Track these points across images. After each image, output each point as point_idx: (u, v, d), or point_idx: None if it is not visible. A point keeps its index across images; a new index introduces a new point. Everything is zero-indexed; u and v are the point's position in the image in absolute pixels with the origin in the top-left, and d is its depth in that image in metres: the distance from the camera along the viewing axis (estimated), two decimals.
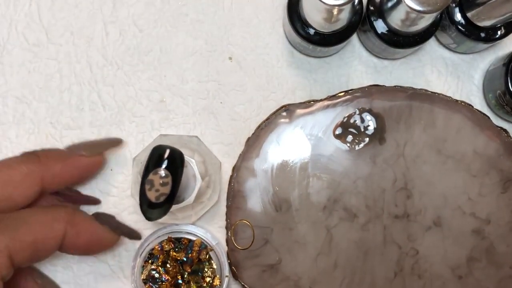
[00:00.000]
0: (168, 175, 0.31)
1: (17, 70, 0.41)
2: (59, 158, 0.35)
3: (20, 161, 0.33)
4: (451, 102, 0.41)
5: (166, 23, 0.42)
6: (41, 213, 0.32)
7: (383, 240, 0.40)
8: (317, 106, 0.41)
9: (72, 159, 0.35)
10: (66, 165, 0.35)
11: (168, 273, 0.38)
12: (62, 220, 0.32)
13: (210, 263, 0.39)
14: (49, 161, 0.34)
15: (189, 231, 0.39)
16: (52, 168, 0.34)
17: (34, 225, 0.31)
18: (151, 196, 0.31)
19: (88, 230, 0.34)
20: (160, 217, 0.32)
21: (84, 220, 0.34)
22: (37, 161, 0.34)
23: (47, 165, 0.34)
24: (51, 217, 0.32)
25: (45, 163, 0.34)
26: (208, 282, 0.39)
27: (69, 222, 0.32)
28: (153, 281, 0.38)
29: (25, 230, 0.30)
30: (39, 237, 0.31)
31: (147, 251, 0.38)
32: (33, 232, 0.30)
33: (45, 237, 0.31)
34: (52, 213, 0.32)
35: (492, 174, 0.40)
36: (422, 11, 0.34)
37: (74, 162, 0.35)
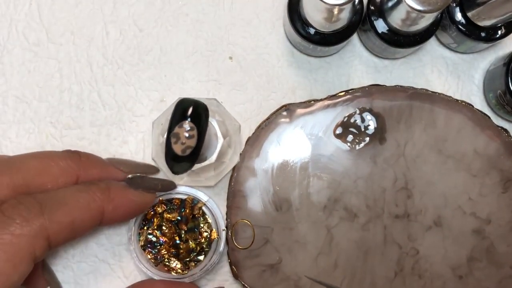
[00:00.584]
0: (193, 127, 0.31)
1: (17, 70, 0.41)
2: (99, 164, 0.36)
3: (61, 155, 0.34)
4: (452, 102, 0.41)
5: (167, 23, 0.42)
6: (78, 193, 0.32)
7: (384, 240, 0.40)
8: (318, 106, 0.41)
9: (110, 168, 0.36)
10: (103, 171, 0.35)
11: (164, 235, 0.38)
12: (99, 199, 0.32)
13: (204, 218, 0.39)
14: (89, 164, 0.35)
15: (179, 191, 0.39)
16: (90, 171, 0.35)
17: (72, 206, 0.31)
18: (177, 149, 0.31)
19: (124, 202, 0.34)
20: (186, 170, 0.33)
21: (119, 192, 0.34)
22: (78, 160, 0.34)
23: (85, 167, 0.34)
24: (87, 197, 0.32)
25: (84, 165, 0.34)
26: (206, 237, 0.39)
27: (105, 200, 0.33)
28: (151, 246, 0.38)
29: (63, 211, 0.30)
30: (77, 218, 0.31)
31: (141, 217, 0.39)
32: (71, 214, 0.31)
33: (82, 218, 0.31)
34: (87, 192, 0.32)
35: (493, 174, 0.40)
36: (423, 11, 0.34)
37: (111, 172, 0.36)
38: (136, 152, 0.41)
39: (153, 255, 0.38)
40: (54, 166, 0.33)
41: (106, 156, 0.41)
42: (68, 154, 0.34)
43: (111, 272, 0.41)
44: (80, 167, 0.34)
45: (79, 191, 0.32)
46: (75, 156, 0.35)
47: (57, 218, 0.30)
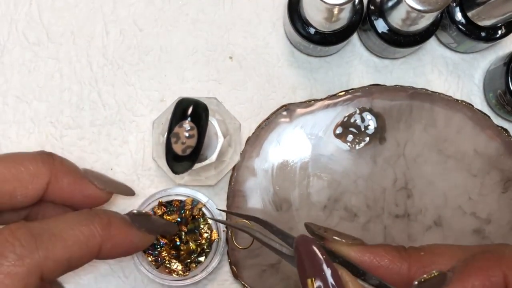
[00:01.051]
0: (193, 127, 0.31)
1: (17, 70, 0.41)
2: (73, 173, 0.33)
3: (32, 158, 0.31)
4: (452, 101, 0.41)
5: (167, 23, 0.42)
6: (78, 226, 0.29)
7: (384, 239, 0.40)
8: (318, 106, 0.41)
9: (84, 181, 0.33)
10: (76, 183, 0.33)
11: (165, 237, 0.38)
12: (98, 236, 0.30)
13: (204, 219, 0.39)
14: (62, 171, 0.32)
15: (178, 193, 0.39)
16: (62, 179, 0.32)
17: (70, 242, 0.29)
18: (177, 149, 0.31)
19: (124, 241, 0.32)
20: (186, 170, 0.33)
21: (121, 230, 0.31)
22: (50, 165, 0.32)
23: (58, 174, 0.32)
24: (87, 232, 0.30)
25: (57, 172, 0.32)
26: (206, 238, 0.39)
27: (105, 236, 0.30)
28: (152, 248, 0.38)
29: (60, 248, 0.28)
30: (74, 255, 0.29)
31: None
32: (68, 251, 0.28)
33: (79, 255, 0.29)
34: (88, 227, 0.30)
35: (493, 174, 0.40)
36: (423, 11, 0.34)
37: (85, 186, 0.33)
38: (136, 152, 0.41)
39: (153, 257, 0.38)
40: (24, 171, 0.30)
41: (106, 156, 0.41)
42: (41, 156, 0.31)
43: (111, 272, 0.41)
44: (52, 173, 0.31)
45: (79, 223, 0.30)
46: (48, 159, 0.32)
47: (53, 256, 0.28)
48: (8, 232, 0.27)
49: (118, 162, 0.41)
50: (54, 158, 0.32)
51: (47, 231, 0.28)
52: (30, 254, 0.27)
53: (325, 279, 0.26)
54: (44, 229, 0.28)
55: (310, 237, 0.29)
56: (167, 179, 0.41)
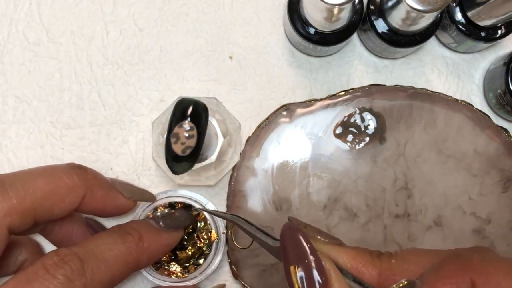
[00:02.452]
0: (193, 127, 0.31)
1: (17, 69, 0.41)
2: (104, 186, 0.34)
3: (67, 171, 0.32)
4: (452, 101, 0.41)
5: (167, 22, 0.42)
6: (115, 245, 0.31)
7: (384, 239, 0.40)
8: (318, 106, 0.41)
9: (113, 192, 0.34)
10: (107, 195, 0.34)
11: None
12: (135, 252, 0.31)
13: (204, 221, 0.39)
14: (95, 184, 0.33)
15: (179, 194, 0.39)
16: (96, 192, 0.33)
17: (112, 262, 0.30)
18: (177, 149, 0.31)
19: (157, 249, 0.33)
20: (186, 170, 0.33)
21: (153, 240, 0.33)
22: (84, 178, 0.32)
23: (92, 187, 0.33)
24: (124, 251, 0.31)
25: (91, 185, 0.33)
26: (206, 241, 0.39)
27: (140, 251, 0.32)
28: None
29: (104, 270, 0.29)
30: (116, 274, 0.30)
31: None
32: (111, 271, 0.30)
33: (121, 273, 0.31)
34: (124, 245, 0.31)
35: (493, 174, 0.40)
36: (423, 10, 0.34)
37: (115, 197, 0.35)
38: (136, 152, 0.41)
39: None
40: (62, 186, 0.31)
41: (106, 156, 0.41)
42: (75, 170, 0.32)
43: None
44: (87, 186, 0.32)
45: (115, 243, 0.31)
46: (82, 172, 0.32)
47: (99, 278, 0.29)
48: (57, 257, 0.28)
49: (118, 162, 0.41)
50: (87, 171, 0.33)
51: (90, 254, 0.29)
52: (78, 277, 0.28)
53: (308, 267, 0.26)
54: (88, 253, 0.29)
55: (296, 225, 0.29)
56: (167, 179, 0.41)
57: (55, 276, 0.27)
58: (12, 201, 0.29)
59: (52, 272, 0.27)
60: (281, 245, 0.28)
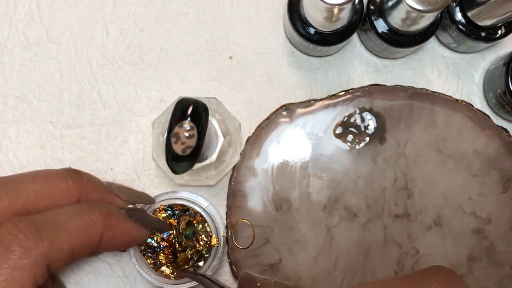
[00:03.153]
0: (193, 127, 0.31)
1: (17, 69, 0.41)
2: (99, 189, 0.34)
3: (62, 175, 0.32)
4: (452, 101, 0.41)
5: (167, 22, 0.42)
6: (79, 216, 0.30)
7: (384, 239, 0.40)
8: (318, 106, 0.41)
9: (110, 195, 0.34)
10: (103, 197, 0.33)
11: (164, 240, 0.38)
12: (100, 225, 0.31)
13: (204, 226, 0.39)
14: (90, 187, 0.33)
15: (180, 196, 0.39)
16: (90, 195, 0.33)
17: (73, 231, 0.29)
18: (177, 149, 0.31)
19: (123, 232, 0.33)
20: (186, 170, 0.33)
21: (119, 221, 0.33)
22: (79, 182, 0.32)
23: (87, 190, 0.32)
24: (88, 221, 0.30)
25: (86, 188, 0.33)
26: (206, 243, 0.38)
27: (106, 226, 0.31)
28: (151, 251, 0.38)
29: (64, 237, 0.29)
30: (77, 244, 0.30)
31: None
32: (72, 240, 0.29)
33: (82, 244, 0.30)
34: (89, 216, 0.31)
35: (493, 174, 0.40)
36: (423, 10, 0.34)
37: (111, 199, 0.34)
38: (136, 152, 0.41)
39: (152, 260, 0.38)
40: (55, 188, 0.31)
41: (106, 156, 0.41)
42: (69, 174, 0.32)
43: (111, 272, 0.41)
44: (81, 190, 0.32)
45: (80, 214, 0.31)
46: (76, 176, 0.32)
47: (57, 245, 0.28)
48: (11, 225, 0.27)
49: (118, 162, 0.41)
50: (82, 175, 0.33)
51: (49, 222, 0.29)
52: (35, 245, 0.27)
53: None
54: (46, 220, 0.29)
55: (253, 275, 0.29)
56: (167, 179, 0.41)
57: (10, 248, 0.26)
58: (5, 202, 0.29)
59: (6, 244, 0.27)
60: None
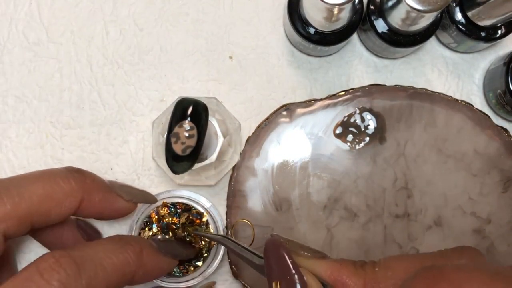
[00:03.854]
0: (193, 127, 0.31)
1: (17, 69, 0.41)
2: (102, 189, 0.33)
3: (64, 176, 0.31)
4: (452, 101, 0.41)
5: (167, 22, 0.42)
6: (115, 254, 0.30)
7: (384, 239, 0.40)
8: (318, 106, 0.41)
9: (112, 196, 0.34)
10: (106, 198, 0.33)
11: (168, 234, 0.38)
12: (133, 264, 0.31)
13: (207, 227, 0.39)
14: (93, 188, 0.32)
15: (182, 195, 0.39)
16: (93, 195, 0.32)
17: (109, 270, 0.29)
18: (177, 149, 0.31)
19: (154, 268, 0.33)
20: (186, 170, 0.33)
21: (152, 258, 0.32)
22: (82, 182, 0.32)
23: (89, 191, 0.32)
24: (123, 260, 0.30)
25: (89, 188, 0.32)
26: (206, 243, 0.38)
27: (138, 264, 0.31)
28: None
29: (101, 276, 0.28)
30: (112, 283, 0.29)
31: (142, 219, 0.38)
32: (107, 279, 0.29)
33: (117, 282, 0.30)
34: (124, 255, 0.30)
35: (493, 174, 0.40)
36: (423, 10, 0.34)
37: (114, 200, 0.34)
38: (136, 152, 0.41)
39: None
40: (58, 190, 0.30)
41: (106, 156, 0.41)
42: (72, 174, 0.32)
43: None
44: (84, 190, 0.32)
45: (115, 250, 0.30)
46: (79, 177, 0.32)
47: (95, 284, 0.28)
48: (53, 260, 0.27)
49: (118, 162, 0.41)
50: (85, 175, 0.32)
51: (88, 259, 0.29)
52: (75, 282, 0.27)
53: (290, 282, 0.26)
54: (85, 258, 0.29)
55: (279, 241, 0.29)
56: (167, 179, 0.41)
57: (50, 282, 0.26)
58: (7, 207, 0.29)
59: (47, 278, 0.27)
60: (264, 261, 0.28)
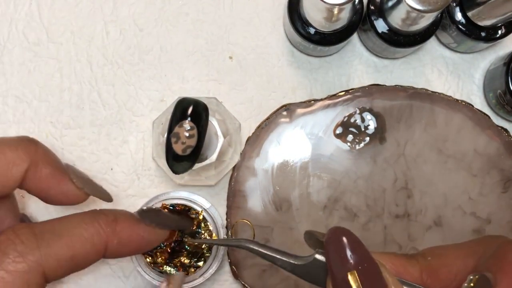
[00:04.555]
0: (193, 127, 0.31)
1: (17, 69, 0.41)
2: (52, 164, 0.31)
3: (13, 143, 0.30)
4: (452, 101, 0.41)
5: (167, 22, 0.42)
6: (82, 224, 0.29)
7: (384, 239, 0.40)
8: (318, 106, 0.41)
9: (62, 175, 0.32)
10: (53, 176, 0.31)
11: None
12: (103, 233, 0.30)
13: (206, 225, 0.39)
14: (42, 160, 0.31)
15: (181, 196, 0.39)
16: (41, 168, 0.31)
17: (73, 239, 0.28)
18: (178, 149, 0.31)
19: (131, 237, 0.31)
20: (186, 170, 0.33)
21: (127, 226, 0.31)
22: (31, 151, 0.30)
23: (37, 162, 0.30)
24: (91, 230, 0.29)
25: (37, 159, 0.30)
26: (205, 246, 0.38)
27: (111, 233, 0.30)
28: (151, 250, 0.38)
29: (61, 245, 0.28)
30: (78, 253, 0.28)
31: None
32: (71, 248, 0.28)
33: (84, 252, 0.29)
34: (92, 224, 0.30)
35: (493, 174, 0.40)
36: (423, 10, 0.34)
37: (61, 180, 0.32)
38: (136, 152, 0.41)
39: (152, 259, 0.38)
40: (2, 158, 0.29)
41: (106, 156, 0.41)
42: (22, 142, 0.30)
43: (111, 272, 0.41)
44: (32, 161, 0.30)
45: (83, 222, 0.29)
46: (30, 145, 0.30)
47: (54, 253, 0.27)
48: (11, 232, 0.27)
49: (118, 162, 0.41)
50: (37, 145, 0.31)
51: (49, 230, 0.28)
52: (31, 251, 0.27)
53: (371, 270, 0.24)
54: (46, 229, 0.28)
55: (344, 228, 0.26)
56: (167, 179, 0.41)
57: (5, 252, 0.27)
58: None
59: (3, 248, 0.27)
60: (327, 255, 0.25)
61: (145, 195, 0.41)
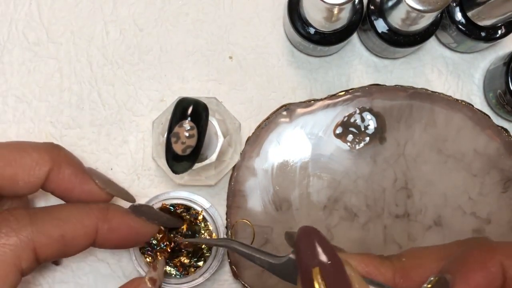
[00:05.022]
0: (193, 127, 0.31)
1: (17, 69, 0.41)
2: (74, 165, 0.33)
3: (35, 146, 0.31)
4: (452, 101, 0.41)
5: (167, 22, 0.42)
6: (72, 208, 0.31)
7: (384, 239, 0.40)
8: (318, 106, 0.41)
9: (83, 175, 0.33)
10: (75, 176, 0.33)
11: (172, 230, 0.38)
12: (94, 216, 0.31)
13: (206, 225, 0.39)
14: (64, 161, 0.32)
15: (181, 196, 0.39)
16: (63, 168, 0.32)
17: (64, 219, 0.30)
18: (177, 148, 0.31)
19: (122, 226, 0.33)
20: (186, 170, 0.33)
21: (118, 215, 0.32)
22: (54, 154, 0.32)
23: (60, 163, 0.32)
24: (82, 212, 0.31)
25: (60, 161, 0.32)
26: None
27: (101, 218, 0.31)
28: (151, 249, 0.38)
29: (53, 224, 0.29)
30: (68, 232, 0.30)
31: None
32: (61, 227, 0.30)
33: (74, 233, 0.30)
34: (83, 208, 0.31)
35: (493, 174, 0.40)
36: (423, 10, 0.34)
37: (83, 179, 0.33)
38: (136, 152, 0.41)
39: (152, 258, 0.38)
40: (26, 157, 0.31)
41: (106, 156, 0.41)
42: (46, 146, 0.32)
43: (111, 272, 0.41)
44: (54, 162, 0.31)
45: (76, 207, 0.31)
46: (53, 148, 0.32)
47: (45, 230, 0.29)
48: (6, 212, 0.29)
49: (118, 162, 0.41)
50: (59, 149, 0.33)
51: (43, 211, 0.30)
52: (23, 227, 0.28)
53: (335, 265, 0.24)
54: (40, 210, 0.30)
55: (313, 227, 0.27)
56: (167, 179, 0.41)
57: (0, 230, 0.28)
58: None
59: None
60: (296, 251, 0.26)
61: (145, 195, 0.41)
